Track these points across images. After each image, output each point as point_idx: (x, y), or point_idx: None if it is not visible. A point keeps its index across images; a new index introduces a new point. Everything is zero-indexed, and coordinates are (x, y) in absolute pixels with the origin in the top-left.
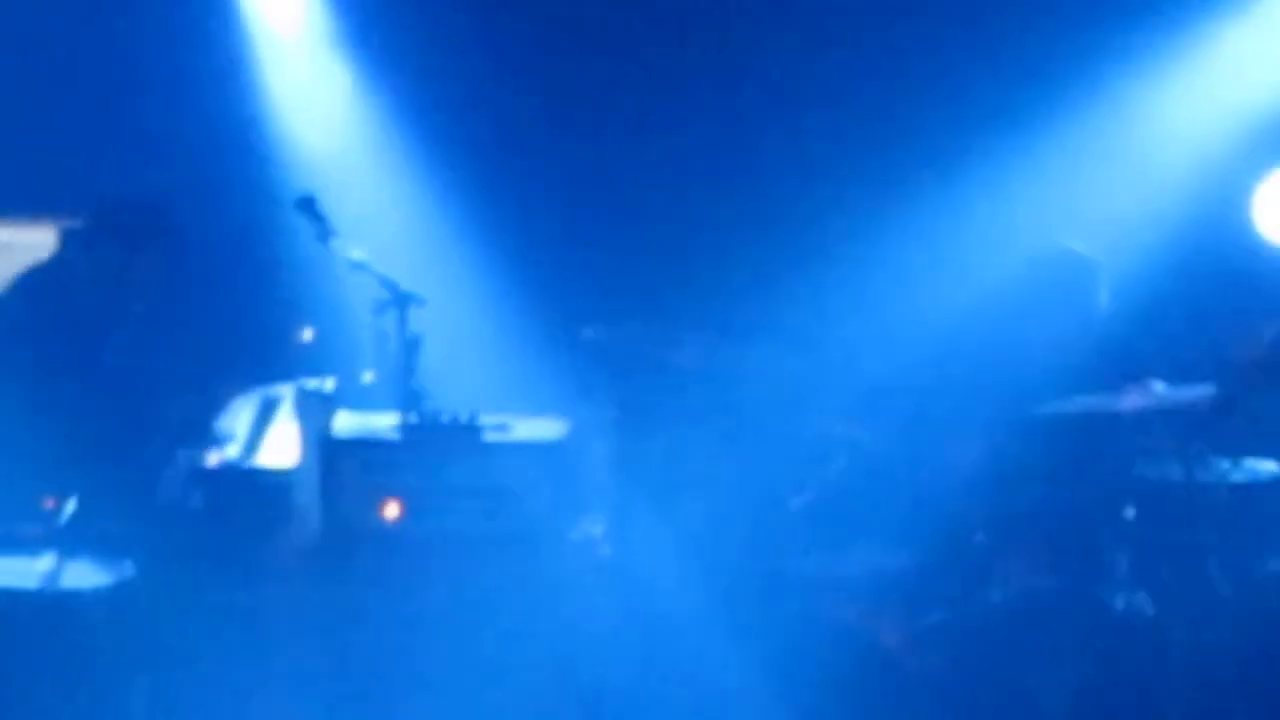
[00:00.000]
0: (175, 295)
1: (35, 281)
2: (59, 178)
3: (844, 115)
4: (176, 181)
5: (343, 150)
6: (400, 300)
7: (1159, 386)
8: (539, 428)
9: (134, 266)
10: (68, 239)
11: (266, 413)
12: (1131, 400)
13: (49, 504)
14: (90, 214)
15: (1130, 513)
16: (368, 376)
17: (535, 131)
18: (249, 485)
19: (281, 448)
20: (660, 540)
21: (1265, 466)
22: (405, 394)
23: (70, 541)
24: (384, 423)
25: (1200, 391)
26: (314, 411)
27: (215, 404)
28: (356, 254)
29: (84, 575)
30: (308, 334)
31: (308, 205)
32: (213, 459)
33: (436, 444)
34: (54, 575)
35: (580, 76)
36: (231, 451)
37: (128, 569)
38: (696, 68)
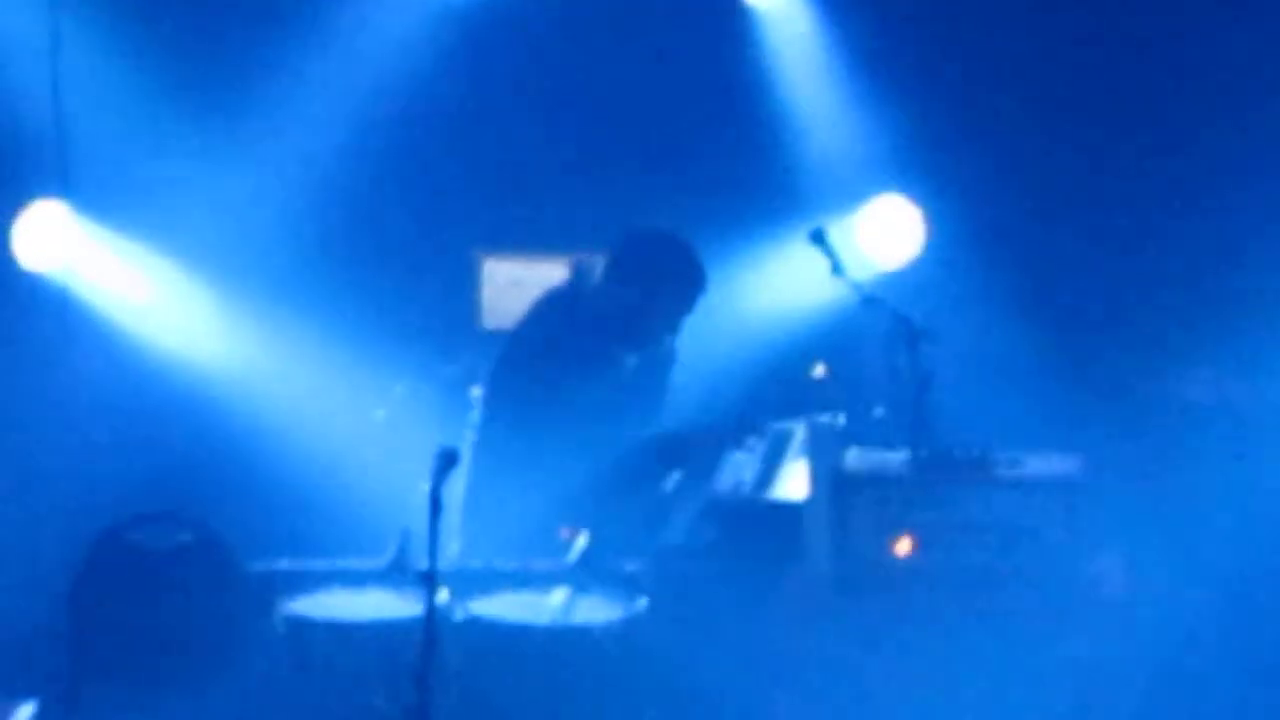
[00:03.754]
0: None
1: (551, 316)
2: (567, 213)
3: None
4: (692, 214)
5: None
6: (913, 335)
7: None
8: (1052, 463)
9: (653, 306)
10: (584, 273)
11: (778, 447)
12: None
13: (565, 534)
14: (614, 250)
15: None
16: (879, 412)
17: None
18: (761, 519)
19: (793, 482)
20: (1178, 577)
21: None
22: (917, 429)
23: (583, 576)
24: (896, 458)
25: None
26: (826, 446)
27: (727, 439)
28: (869, 288)
29: (595, 610)
30: (820, 369)
31: (820, 238)
32: (725, 492)
33: (949, 479)
34: (566, 610)
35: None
36: (743, 485)
37: (639, 603)
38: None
